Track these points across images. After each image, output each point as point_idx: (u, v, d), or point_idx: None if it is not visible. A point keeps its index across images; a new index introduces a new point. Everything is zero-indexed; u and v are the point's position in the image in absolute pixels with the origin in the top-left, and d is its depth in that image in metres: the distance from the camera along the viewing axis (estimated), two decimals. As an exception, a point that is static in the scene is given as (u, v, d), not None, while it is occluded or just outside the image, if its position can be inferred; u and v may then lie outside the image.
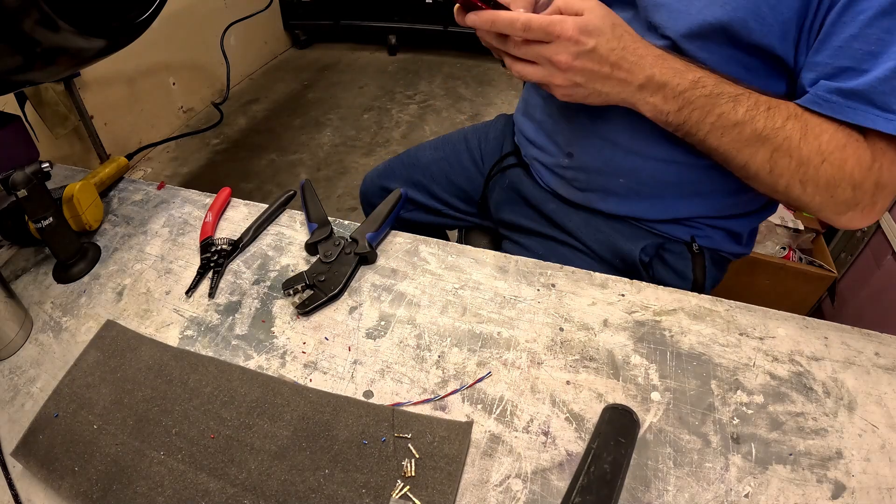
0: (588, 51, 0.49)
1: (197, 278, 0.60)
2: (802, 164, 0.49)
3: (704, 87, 0.50)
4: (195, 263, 0.62)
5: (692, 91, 0.50)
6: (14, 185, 0.54)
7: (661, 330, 0.52)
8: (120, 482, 0.43)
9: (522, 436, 0.45)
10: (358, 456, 0.44)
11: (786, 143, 0.49)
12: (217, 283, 0.60)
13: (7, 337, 0.54)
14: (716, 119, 0.50)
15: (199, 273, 0.60)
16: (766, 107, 0.50)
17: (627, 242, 0.68)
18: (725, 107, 0.50)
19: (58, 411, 0.48)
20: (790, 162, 0.50)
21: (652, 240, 0.68)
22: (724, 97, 0.50)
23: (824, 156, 0.48)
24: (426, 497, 0.41)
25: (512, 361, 0.50)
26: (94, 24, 0.60)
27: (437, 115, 2.36)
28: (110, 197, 0.74)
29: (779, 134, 0.49)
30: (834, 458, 0.43)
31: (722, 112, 0.50)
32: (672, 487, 0.41)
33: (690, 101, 0.51)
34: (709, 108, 0.50)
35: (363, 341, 0.53)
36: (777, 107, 0.50)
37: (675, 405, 0.46)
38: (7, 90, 0.66)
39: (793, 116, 0.49)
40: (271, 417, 0.47)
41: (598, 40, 0.49)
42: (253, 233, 0.65)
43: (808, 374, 0.49)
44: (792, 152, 0.49)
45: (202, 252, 0.62)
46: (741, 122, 0.50)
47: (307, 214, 0.66)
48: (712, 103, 0.50)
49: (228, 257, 0.62)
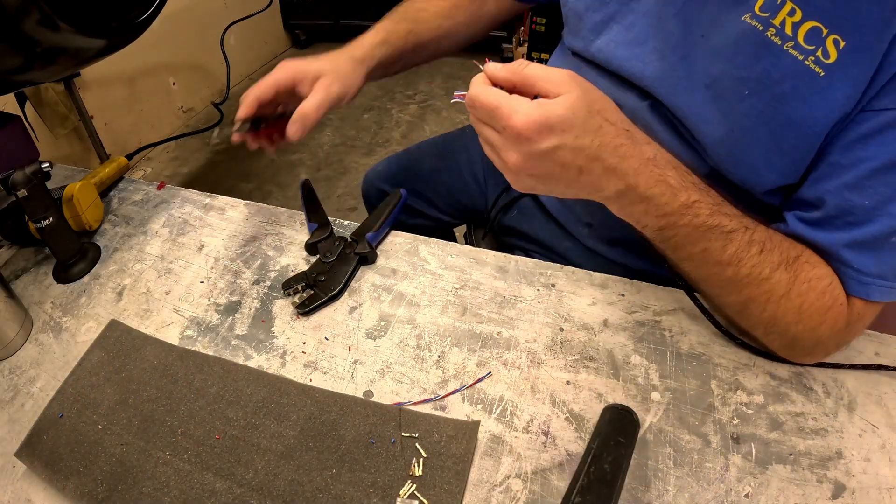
0: (544, 152, 0.38)
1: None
2: (775, 319, 0.45)
3: (697, 216, 0.42)
4: (195, 263, 0.62)
5: (680, 216, 0.42)
6: (14, 185, 0.54)
7: (661, 330, 0.52)
8: (125, 482, 0.43)
9: (522, 436, 0.45)
10: (365, 455, 0.44)
11: (764, 296, 0.44)
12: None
13: (7, 337, 0.54)
14: (699, 252, 0.44)
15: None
16: (758, 249, 0.43)
17: None
18: (714, 243, 0.43)
19: (62, 411, 0.48)
20: (763, 313, 0.45)
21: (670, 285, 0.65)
22: (715, 232, 0.42)
23: (801, 317, 0.44)
24: (434, 496, 0.41)
25: (512, 361, 0.50)
26: (94, 23, 0.60)
27: (437, 115, 2.35)
28: (110, 197, 0.74)
29: (762, 286, 0.43)
30: (834, 458, 0.43)
31: (707, 248, 0.43)
32: (672, 487, 0.41)
33: (675, 226, 0.42)
34: (694, 238, 0.43)
35: (363, 341, 0.53)
36: (771, 250, 0.43)
37: (675, 405, 0.46)
38: (7, 90, 0.66)
39: (784, 265, 0.43)
40: (278, 417, 0.47)
41: (561, 139, 0.37)
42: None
43: (808, 374, 0.49)
44: (768, 306, 0.44)
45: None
46: (724, 263, 0.43)
47: (307, 214, 0.65)
48: (699, 235, 0.42)
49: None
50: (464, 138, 0.89)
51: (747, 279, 0.43)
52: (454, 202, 0.88)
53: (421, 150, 0.92)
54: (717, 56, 0.46)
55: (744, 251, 0.43)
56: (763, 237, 0.43)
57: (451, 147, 0.89)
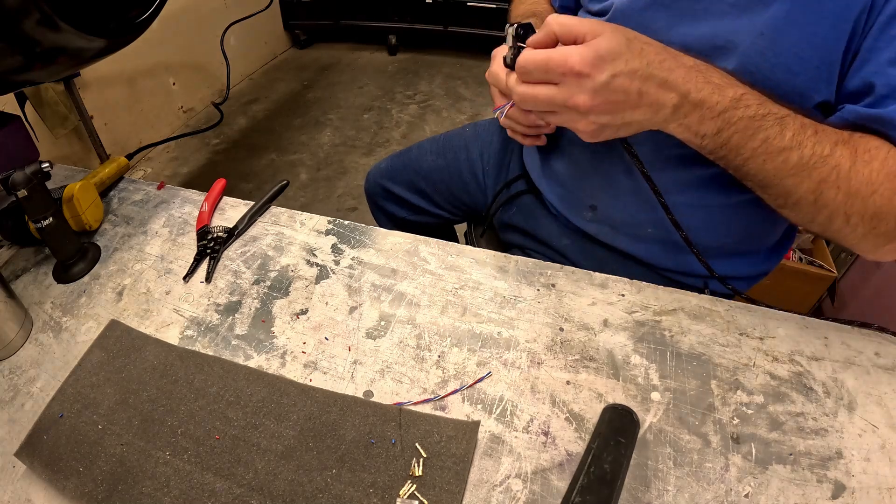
0: (605, 83, 0.40)
1: (194, 265, 0.61)
2: (851, 196, 0.44)
3: (748, 107, 0.43)
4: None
5: (733, 111, 0.43)
6: (14, 185, 0.54)
7: (661, 330, 0.52)
8: (125, 482, 0.43)
9: (522, 436, 0.45)
10: (365, 456, 0.44)
11: (834, 172, 0.44)
12: (214, 269, 0.61)
13: (7, 337, 0.54)
14: (759, 144, 0.44)
15: (196, 260, 0.62)
16: (812, 130, 0.44)
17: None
18: (771, 130, 0.43)
19: (62, 411, 0.48)
20: (837, 193, 0.44)
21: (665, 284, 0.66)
22: (770, 119, 0.43)
23: (874, 186, 0.43)
24: (434, 496, 0.41)
25: (512, 361, 0.50)
26: (94, 24, 0.60)
27: (437, 115, 2.36)
28: (110, 197, 0.74)
29: (827, 162, 0.43)
30: (834, 458, 0.43)
31: (767, 136, 0.43)
32: (672, 487, 0.41)
33: (731, 123, 0.44)
34: (752, 131, 0.44)
35: (363, 341, 0.53)
36: (824, 130, 0.44)
37: (675, 405, 0.46)
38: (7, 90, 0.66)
39: (841, 142, 0.44)
40: (277, 417, 0.47)
41: (615, 66, 0.40)
42: (248, 220, 0.66)
43: (808, 374, 0.49)
44: (840, 183, 0.44)
45: (199, 240, 0.64)
46: (787, 148, 0.43)
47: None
48: (756, 126, 0.43)
49: (224, 244, 0.64)
50: (465, 137, 0.90)
51: (812, 159, 0.43)
52: (455, 199, 0.89)
53: (422, 148, 0.92)
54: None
55: (800, 133, 0.44)
56: (810, 121, 0.45)
57: (452, 145, 0.90)
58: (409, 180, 0.90)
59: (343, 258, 0.62)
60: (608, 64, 0.40)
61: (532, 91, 0.43)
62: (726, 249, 0.64)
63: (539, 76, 0.42)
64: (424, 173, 0.89)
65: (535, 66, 0.42)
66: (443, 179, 0.88)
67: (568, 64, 0.40)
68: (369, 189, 0.96)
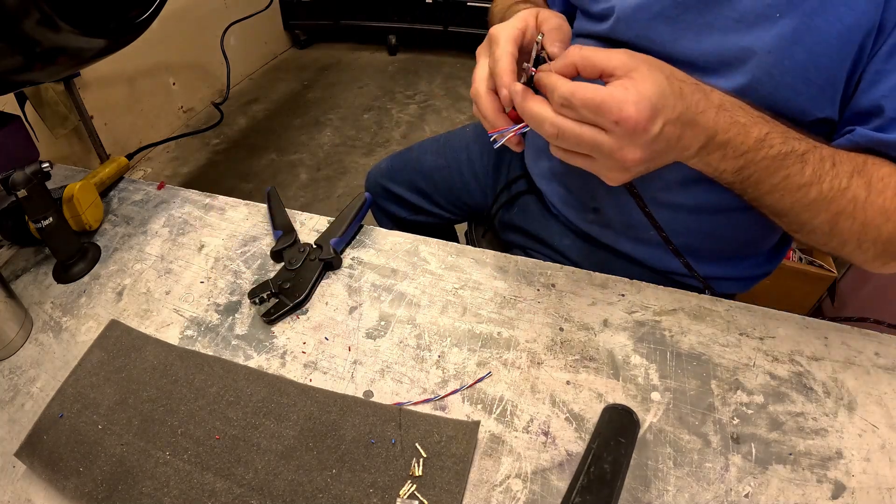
0: (657, 136, 0.37)
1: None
2: (865, 226, 0.45)
3: (771, 147, 0.42)
4: (195, 263, 0.62)
5: (756, 151, 0.42)
6: (14, 185, 0.54)
7: (661, 330, 0.52)
8: (125, 482, 0.43)
9: (522, 436, 0.45)
10: (365, 456, 0.44)
11: (850, 205, 0.44)
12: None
13: (7, 337, 0.54)
14: (780, 181, 0.44)
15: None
16: (830, 163, 0.44)
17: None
18: (792, 168, 0.43)
19: (62, 411, 0.48)
20: (853, 224, 0.45)
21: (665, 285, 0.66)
22: (792, 157, 0.43)
23: (888, 215, 0.44)
24: (434, 496, 0.41)
25: (512, 361, 0.50)
26: (94, 24, 0.60)
27: (437, 115, 2.35)
28: (110, 197, 0.74)
29: (845, 195, 0.44)
30: (834, 458, 0.43)
31: (788, 174, 0.43)
32: (672, 487, 0.41)
33: (754, 162, 0.43)
34: (773, 169, 0.43)
35: (363, 341, 0.53)
36: (841, 162, 0.44)
37: (675, 405, 0.46)
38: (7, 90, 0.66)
39: (855, 172, 0.44)
40: (277, 417, 0.47)
41: (665, 116, 0.37)
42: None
43: (808, 374, 0.49)
44: (856, 214, 0.44)
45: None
46: (807, 184, 0.43)
47: (272, 222, 0.65)
48: (778, 165, 0.43)
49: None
50: (465, 137, 0.90)
51: (830, 193, 0.44)
52: (455, 199, 0.89)
53: (423, 148, 0.93)
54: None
55: (819, 168, 0.43)
56: (830, 151, 0.45)
57: (452, 145, 0.90)
58: (409, 180, 0.90)
59: (343, 258, 0.62)
60: (660, 114, 0.37)
61: (577, 130, 0.38)
62: (727, 253, 0.64)
63: (585, 116, 0.37)
64: (425, 173, 0.89)
65: (583, 104, 0.36)
66: (443, 179, 0.88)
67: (624, 114, 0.36)
68: (369, 189, 0.96)
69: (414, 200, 0.90)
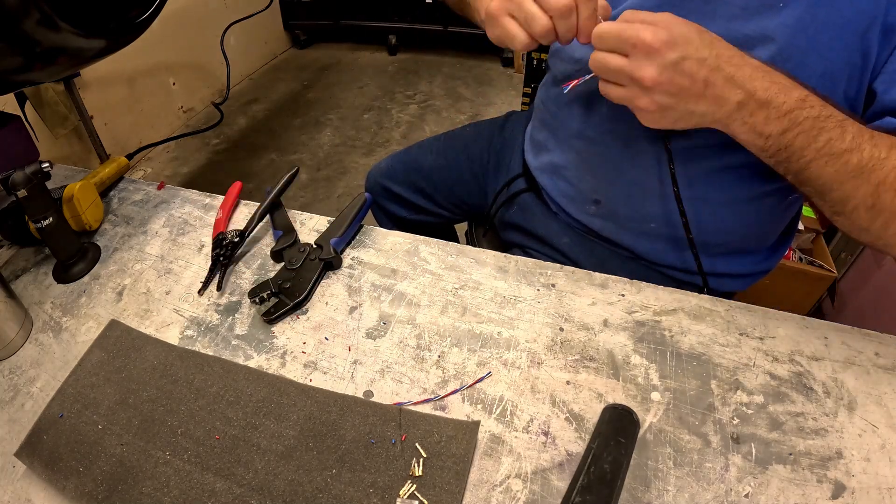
0: (673, 62, 0.42)
1: (209, 276, 0.60)
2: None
3: (812, 108, 0.43)
4: (195, 263, 0.62)
5: (799, 111, 0.43)
6: (14, 185, 0.54)
7: (661, 330, 0.52)
8: (125, 483, 0.43)
9: (522, 436, 0.45)
10: (365, 456, 0.44)
11: (891, 175, 0.43)
12: (225, 277, 0.60)
13: (7, 337, 0.54)
14: (822, 145, 0.44)
15: (211, 270, 0.60)
16: (868, 135, 0.44)
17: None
18: (834, 132, 0.43)
19: (62, 411, 0.48)
20: (895, 197, 0.44)
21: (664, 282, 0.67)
22: (832, 121, 0.43)
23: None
24: (434, 496, 0.41)
25: (512, 361, 0.50)
26: (94, 24, 0.60)
27: (437, 115, 2.36)
28: (110, 197, 0.74)
29: (885, 165, 0.43)
30: (834, 458, 0.43)
31: (830, 138, 0.43)
32: (672, 487, 0.41)
33: (797, 123, 0.43)
34: (816, 132, 0.43)
35: (363, 341, 0.53)
36: (879, 135, 0.45)
37: (675, 405, 0.46)
38: (7, 90, 0.66)
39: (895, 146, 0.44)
40: (277, 417, 0.47)
41: (685, 49, 0.42)
42: (261, 214, 0.64)
43: (808, 374, 0.49)
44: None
45: (214, 248, 0.62)
46: (848, 150, 0.43)
47: (272, 222, 0.65)
48: (820, 127, 0.43)
49: (236, 248, 0.62)
50: (465, 136, 0.90)
51: (871, 162, 0.44)
52: (455, 199, 0.89)
53: (423, 148, 0.93)
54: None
55: (859, 136, 0.44)
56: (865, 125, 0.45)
57: (452, 145, 0.90)
58: (409, 180, 0.91)
59: (343, 258, 0.62)
60: (679, 46, 0.41)
61: (604, 58, 0.45)
62: (729, 247, 0.64)
63: (612, 44, 0.44)
64: (425, 173, 0.89)
65: (608, 34, 0.44)
66: (443, 179, 0.88)
67: (640, 36, 0.41)
68: (369, 189, 0.96)
69: (414, 200, 0.90)
